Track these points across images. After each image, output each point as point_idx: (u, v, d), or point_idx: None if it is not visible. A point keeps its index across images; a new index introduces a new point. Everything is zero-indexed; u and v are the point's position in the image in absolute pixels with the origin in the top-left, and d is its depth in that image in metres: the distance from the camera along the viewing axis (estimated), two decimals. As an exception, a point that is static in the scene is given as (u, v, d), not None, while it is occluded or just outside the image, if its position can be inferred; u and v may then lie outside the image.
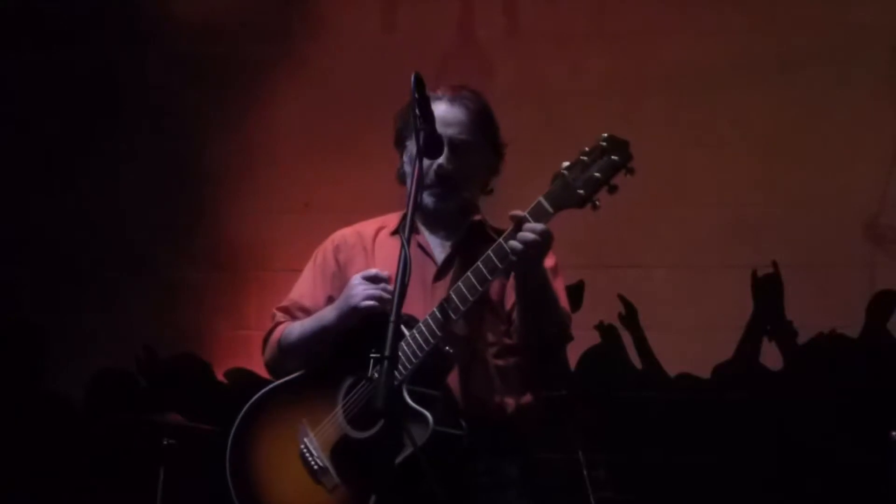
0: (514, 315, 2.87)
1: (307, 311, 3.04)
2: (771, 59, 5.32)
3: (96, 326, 5.47)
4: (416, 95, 2.68)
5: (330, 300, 3.01)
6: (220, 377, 5.44)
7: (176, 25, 5.69)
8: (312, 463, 2.83)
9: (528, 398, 2.90)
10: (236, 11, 5.67)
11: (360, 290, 2.81)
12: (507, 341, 2.89)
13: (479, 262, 2.70)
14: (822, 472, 4.85)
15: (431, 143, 2.77)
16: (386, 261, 2.96)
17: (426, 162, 2.78)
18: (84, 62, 5.68)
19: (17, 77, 5.73)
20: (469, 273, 2.71)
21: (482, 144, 2.99)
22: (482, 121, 2.99)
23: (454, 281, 2.86)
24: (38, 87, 5.73)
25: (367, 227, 3.12)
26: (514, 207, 2.67)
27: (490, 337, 2.88)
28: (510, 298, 2.90)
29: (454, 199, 2.94)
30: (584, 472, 4.41)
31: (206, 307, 5.49)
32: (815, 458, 4.88)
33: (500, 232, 3.00)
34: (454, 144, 2.90)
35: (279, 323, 3.08)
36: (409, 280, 2.49)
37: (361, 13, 5.65)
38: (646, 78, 5.38)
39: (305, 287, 3.10)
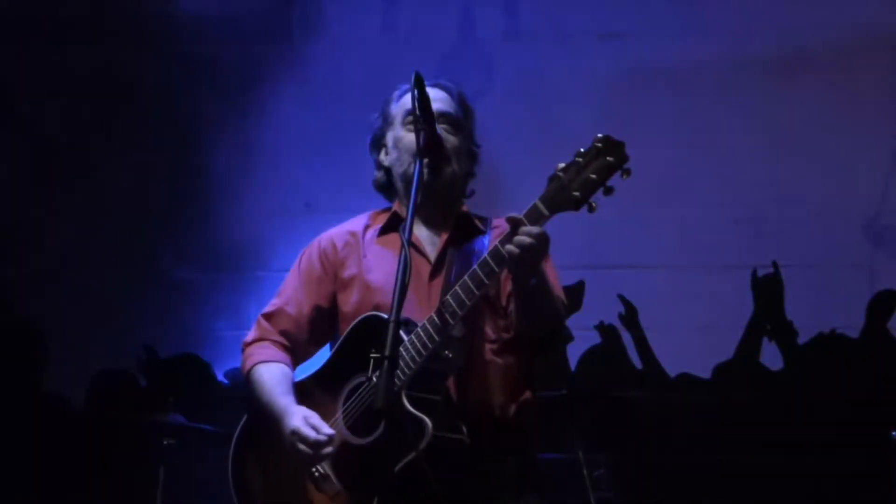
0: (510, 307, 2.86)
1: (292, 319, 3.04)
2: (771, 59, 5.32)
3: (96, 326, 5.47)
4: (417, 94, 2.69)
5: (315, 307, 3.03)
6: (220, 377, 5.44)
7: (176, 25, 5.69)
8: (313, 470, 2.83)
9: (527, 397, 2.90)
10: (236, 11, 5.67)
11: (305, 432, 2.77)
12: (506, 336, 2.89)
13: (475, 267, 2.68)
14: (823, 472, 4.84)
15: (432, 144, 2.77)
16: (377, 264, 2.96)
17: (413, 138, 2.78)
18: (84, 62, 5.68)
19: (16, 76, 5.73)
20: (466, 277, 2.69)
21: (465, 124, 3.01)
22: (463, 103, 3.04)
23: (448, 277, 2.85)
24: (37, 87, 5.73)
25: (354, 225, 3.10)
26: (515, 207, 2.66)
27: (489, 333, 2.87)
28: (506, 291, 2.89)
29: (445, 171, 2.90)
30: (584, 472, 4.41)
31: (206, 307, 5.49)
32: (816, 457, 4.88)
33: (484, 220, 3.01)
34: (441, 115, 2.90)
35: (260, 339, 3.07)
36: (409, 280, 2.49)
37: (361, 13, 5.65)
38: (646, 78, 5.38)
39: (290, 293, 3.09)
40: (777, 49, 5.31)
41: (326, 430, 2.76)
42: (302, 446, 2.76)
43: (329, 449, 2.75)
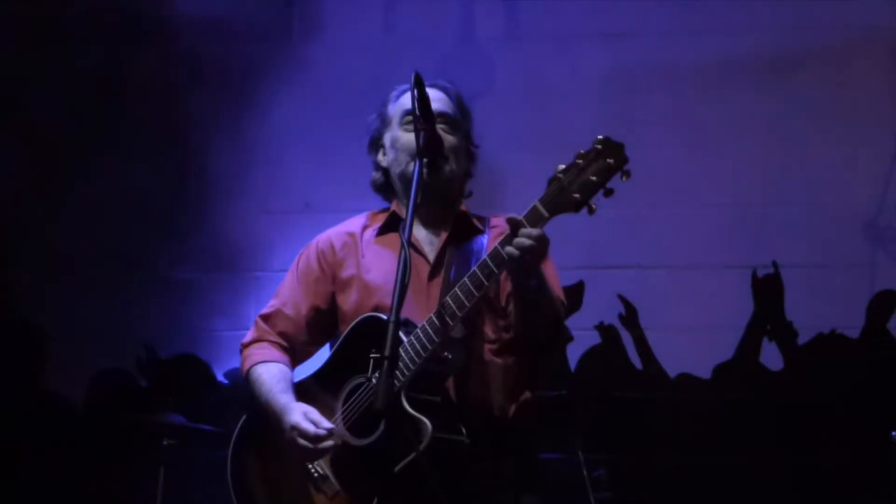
0: (510, 308, 2.87)
1: (290, 320, 3.05)
2: (771, 59, 5.32)
3: (96, 326, 5.47)
4: (416, 94, 2.69)
5: (313, 308, 3.03)
6: (220, 377, 5.44)
7: (176, 25, 5.69)
8: (312, 470, 2.83)
9: (527, 397, 2.90)
10: (236, 11, 5.67)
11: (305, 427, 2.78)
12: (506, 336, 2.89)
13: (475, 268, 2.69)
14: (823, 472, 4.84)
15: (430, 143, 2.77)
16: (376, 264, 2.96)
17: (412, 136, 2.79)
18: (84, 62, 5.68)
19: (16, 77, 5.73)
20: (465, 278, 2.69)
21: (463, 124, 3.01)
22: (460, 103, 3.05)
23: (447, 277, 2.85)
24: (37, 87, 5.73)
25: (352, 226, 3.11)
26: (515, 207, 2.67)
27: (489, 334, 2.88)
28: (505, 292, 2.89)
29: (443, 170, 2.90)
30: (584, 472, 4.41)
31: (206, 307, 5.49)
32: (816, 457, 4.88)
33: (482, 220, 3.01)
34: (439, 114, 2.90)
35: (258, 340, 3.08)
36: (409, 280, 2.49)
37: (361, 13, 5.65)
38: (645, 78, 5.38)
39: (287, 294, 3.09)
40: (777, 49, 5.31)
41: (326, 424, 2.77)
42: (301, 441, 2.77)
43: (328, 443, 2.75)
